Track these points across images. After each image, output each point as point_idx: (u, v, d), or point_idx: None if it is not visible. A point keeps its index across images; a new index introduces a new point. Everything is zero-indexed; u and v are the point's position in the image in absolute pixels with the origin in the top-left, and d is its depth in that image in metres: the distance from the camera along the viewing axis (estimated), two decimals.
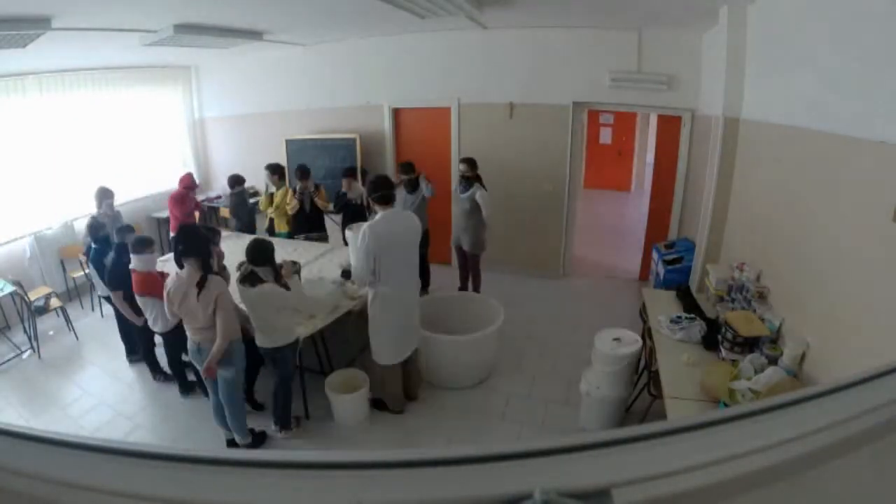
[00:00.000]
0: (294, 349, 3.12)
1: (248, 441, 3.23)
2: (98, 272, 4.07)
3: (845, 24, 2.20)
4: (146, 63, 6.08)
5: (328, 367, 3.64)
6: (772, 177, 3.02)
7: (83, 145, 5.79)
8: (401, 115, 5.99)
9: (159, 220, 6.53)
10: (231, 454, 0.44)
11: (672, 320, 2.98)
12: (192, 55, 5.86)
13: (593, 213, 7.84)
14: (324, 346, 3.63)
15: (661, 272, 4.43)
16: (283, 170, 5.30)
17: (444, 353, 3.66)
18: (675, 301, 3.35)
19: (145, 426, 3.59)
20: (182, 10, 3.74)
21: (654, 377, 2.83)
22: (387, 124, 5.98)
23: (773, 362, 2.39)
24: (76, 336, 4.77)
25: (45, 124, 5.35)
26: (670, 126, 5.06)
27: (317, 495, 0.42)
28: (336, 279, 3.75)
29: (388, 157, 6.05)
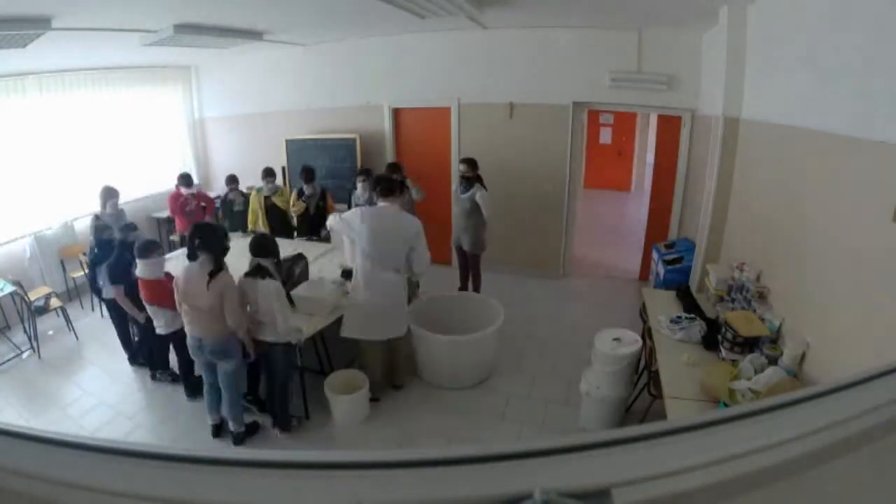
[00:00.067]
0: (287, 351, 3.12)
1: (241, 429, 3.26)
2: (96, 275, 4.04)
3: (845, 23, 2.21)
4: (146, 63, 6.08)
5: (328, 367, 3.64)
6: (772, 177, 3.02)
7: (83, 145, 5.79)
8: (401, 115, 5.99)
9: (159, 220, 6.54)
10: (231, 454, 0.44)
11: (672, 320, 2.98)
12: (192, 55, 5.85)
13: (593, 213, 7.84)
14: (324, 346, 3.63)
15: (661, 272, 4.43)
16: (274, 172, 5.21)
17: (444, 353, 3.66)
18: (675, 301, 3.35)
19: (145, 426, 3.59)
20: (182, 10, 3.74)
21: (654, 377, 2.84)
22: (387, 124, 5.98)
23: (773, 362, 2.40)
24: (76, 336, 4.77)
25: (45, 124, 5.34)
26: (670, 126, 5.06)
27: (317, 495, 0.42)
28: (336, 279, 3.75)
29: (388, 157, 6.03)
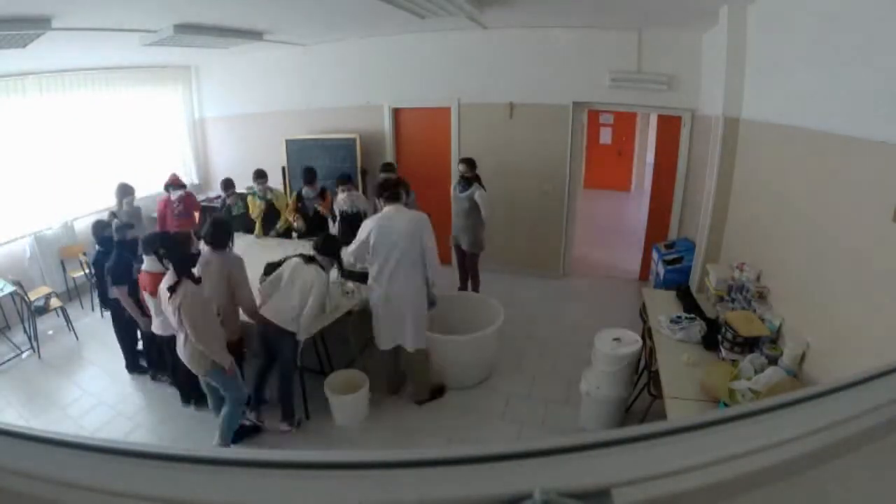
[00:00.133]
0: (294, 344, 3.18)
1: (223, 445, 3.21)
2: (98, 275, 4.03)
3: (845, 23, 2.20)
4: (146, 63, 6.08)
5: (328, 368, 3.64)
6: (772, 177, 3.02)
7: (83, 145, 5.79)
8: (401, 115, 5.98)
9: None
10: (231, 454, 0.44)
11: (672, 320, 2.98)
12: (192, 55, 5.86)
13: (593, 213, 7.83)
14: (324, 346, 3.63)
15: (661, 272, 4.43)
16: (265, 173, 5.11)
17: (444, 353, 3.66)
18: (675, 301, 3.35)
19: (145, 426, 3.59)
20: (182, 10, 3.74)
21: (654, 377, 2.84)
22: (387, 124, 5.97)
23: (773, 362, 2.40)
24: (76, 336, 4.77)
25: (45, 124, 5.34)
26: (670, 126, 5.06)
27: (317, 495, 0.42)
28: (336, 279, 3.75)
29: (388, 158, 6.03)
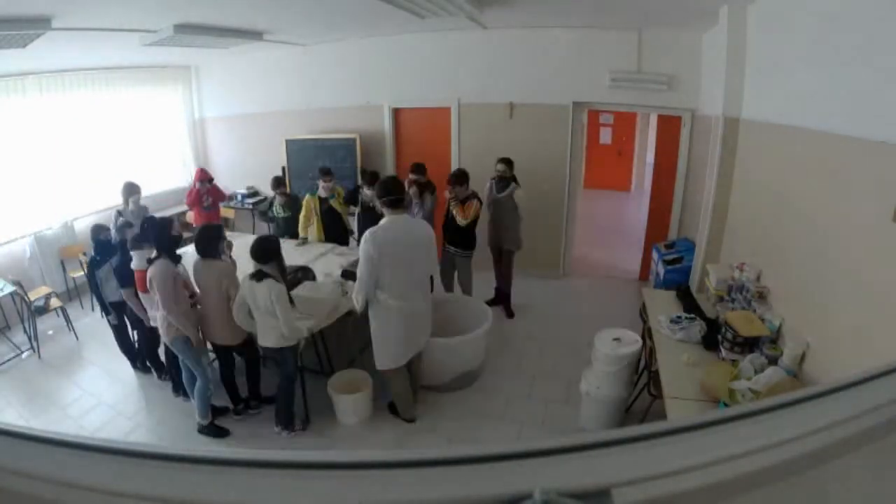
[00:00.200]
0: (294, 350, 3.13)
1: (203, 422, 3.38)
2: (94, 280, 3.92)
3: (845, 23, 2.20)
4: (146, 63, 6.08)
5: (328, 368, 3.64)
6: (772, 177, 3.01)
7: (83, 145, 5.79)
8: (401, 115, 5.98)
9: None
10: (231, 454, 0.44)
11: (672, 320, 2.98)
12: (192, 55, 5.85)
13: (593, 213, 7.83)
14: (324, 346, 3.63)
15: (661, 272, 4.43)
16: (331, 171, 4.89)
17: (445, 353, 3.66)
18: (675, 301, 3.35)
19: (145, 426, 3.59)
20: (182, 10, 3.73)
21: (654, 377, 2.83)
22: (387, 124, 5.97)
23: (773, 362, 2.40)
24: (76, 336, 4.77)
25: (45, 124, 5.34)
26: (670, 126, 5.06)
27: (317, 495, 0.42)
28: (336, 279, 3.75)
29: (388, 157, 6.04)
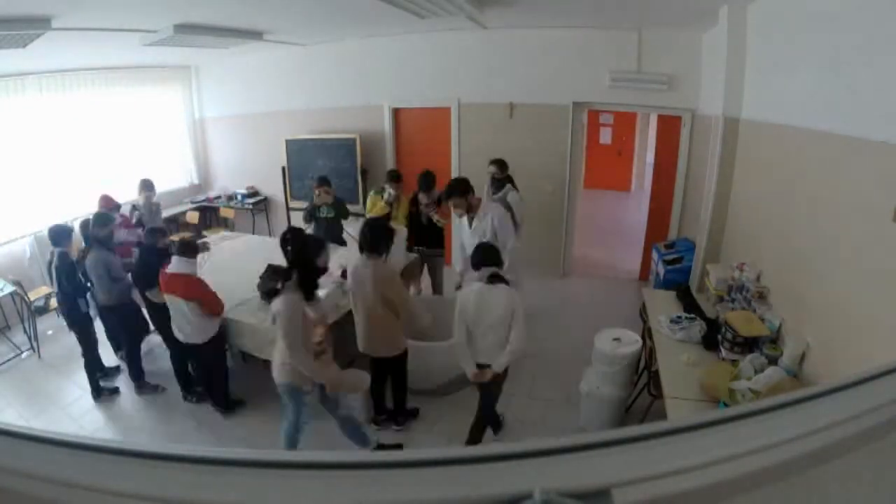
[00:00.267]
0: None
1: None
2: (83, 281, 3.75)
3: (845, 23, 2.21)
4: (146, 63, 6.08)
5: None
6: (772, 177, 3.02)
7: (83, 145, 5.79)
8: (401, 115, 5.98)
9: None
10: (231, 454, 0.44)
11: (672, 320, 2.98)
12: (192, 55, 5.85)
13: (593, 213, 7.83)
14: None
15: (661, 272, 4.43)
16: (400, 175, 4.58)
17: (443, 356, 3.65)
18: (675, 301, 3.35)
19: (145, 427, 3.59)
20: (182, 10, 3.74)
21: (654, 377, 2.84)
22: (387, 124, 5.97)
23: (773, 362, 2.40)
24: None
25: (45, 124, 5.34)
26: (670, 126, 5.06)
27: (317, 495, 0.42)
28: (336, 279, 3.75)
29: (388, 157, 6.04)
